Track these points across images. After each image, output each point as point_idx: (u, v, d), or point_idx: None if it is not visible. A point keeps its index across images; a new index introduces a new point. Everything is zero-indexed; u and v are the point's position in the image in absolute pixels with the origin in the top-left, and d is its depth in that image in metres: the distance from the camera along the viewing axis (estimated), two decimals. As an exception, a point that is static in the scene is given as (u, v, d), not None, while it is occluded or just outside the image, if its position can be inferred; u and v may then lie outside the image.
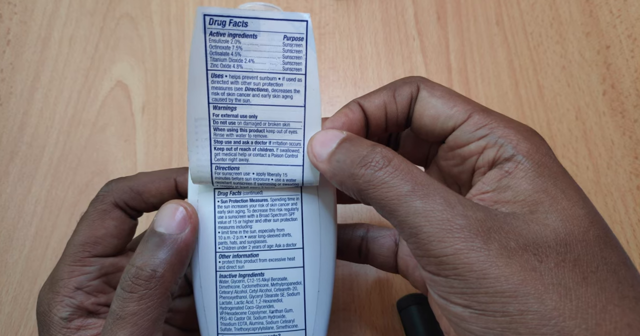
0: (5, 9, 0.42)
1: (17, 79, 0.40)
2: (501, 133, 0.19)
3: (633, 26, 0.39)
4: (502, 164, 0.19)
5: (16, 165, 0.37)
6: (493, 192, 0.19)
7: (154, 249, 0.20)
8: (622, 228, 0.34)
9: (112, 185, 0.25)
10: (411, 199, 0.17)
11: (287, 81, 0.21)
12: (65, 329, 0.22)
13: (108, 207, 0.24)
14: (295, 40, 0.20)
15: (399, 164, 0.18)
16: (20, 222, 0.36)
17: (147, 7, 0.42)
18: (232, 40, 0.19)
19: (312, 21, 0.41)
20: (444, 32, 0.41)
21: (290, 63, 0.20)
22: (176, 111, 0.39)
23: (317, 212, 0.23)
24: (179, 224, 0.21)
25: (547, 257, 0.16)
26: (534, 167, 0.18)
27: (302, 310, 0.23)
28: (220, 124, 0.21)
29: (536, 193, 0.18)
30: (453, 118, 0.21)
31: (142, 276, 0.20)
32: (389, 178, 0.18)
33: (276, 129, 0.21)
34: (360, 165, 0.18)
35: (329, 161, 0.20)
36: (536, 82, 0.38)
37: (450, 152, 0.22)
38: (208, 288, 0.22)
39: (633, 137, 0.36)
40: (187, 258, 0.21)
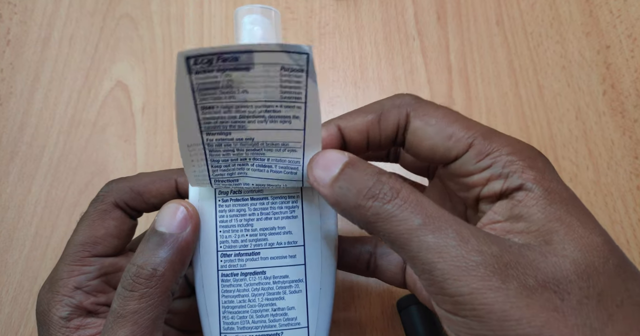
0: (5, 9, 0.42)
1: (17, 79, 0.40)
2: (505, 163, 0.19)
3: (633, 26, 0.39)
4: (511, 194, 0.18)
5: (16, 165, 0.37)
6: (505, 222, 0.18)
7: (154, 248, 0.20)
8: (622, 228, 0.34)
9: (112, 185, 0.25)
10: (423, 233, 0.16)
11: (285, 108, 0.19)
12: (64, 328, 0.22)
13: (108, 207, 0.24)
14: (294, 71, 0.17)
15: (408, 195, 0.17)
16: (20, 222, 0.36)
17: (147, 7, 0.42)
18: (221, 74, 0.17)
19: (312, 21, 0.41)
20: (444, 32, 0.41)
21: (288, 93, 0.18)
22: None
23: (318, 210, 0.23)
24: (179, 223, 0.21)
25: (569, 294, 0.15)
26: (544, 194, 0.17)
27: (305, 307, 0.23)
28: (215, 147, 0.20)
29: (550, 222, 0.17)
30: (453, 150, 0.20)
31: (142, 275, 0.20)
32: (398, 211, 0.17)
33: (274, 148, 0.20)
34: (367, 196, 0.17)
35: (331, 187, 0.18)
36: (536, 82, 0.38)
37: (454, 179, 0.21)
38: (210, 287, 0.22)
39: (633, 137, 0.36)
40: (187, 257, 0.21)
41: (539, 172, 0.18)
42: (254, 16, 0.23)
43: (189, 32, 0.41)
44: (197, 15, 0.42)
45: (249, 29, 0.23)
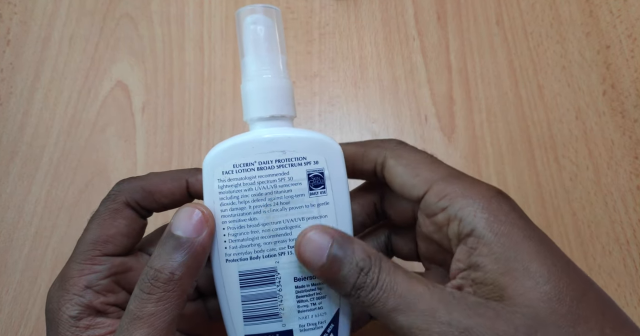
0: (5, 9, 0.42)
1: (17, 79, 0.40)
2: (460, 205, 0.20)
3: (633, 26, 0.39)
4: (465, 239, 0.20)
5: (16, 165, 0.37)
6: (468, 270, 0.20)
7: (171, 252, 0.20)
8: (622, 228, 0.34)
9: (123, 184, 0.25)
10: (395, 314, 0.19)
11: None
12: (74, 328, 0.22)
13: (119, 206, 0.24)
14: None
15: (384, 282, 0.20)
16: (20, 222, 0.36)
17: (147, 7, 0.42)
18: None
19: (312, 21, 0.41)
20: (444, 32, 0.41)
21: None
22: (176, 111, 0.39)
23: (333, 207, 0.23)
24: (195, 227, 0.21)
25: None
26: (495, 239, 0.19)
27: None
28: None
29: (501, 277, 0.19)
30: (416, 188, 0.22)
31: (160, 278, 0.20)
32: (376, 298, 0.20)
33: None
34: (356, 288, 0.20)
35: (322, 273, 0.21)
36: (536, 82, 0.38)
37: (427, 219, 0.22)
38: (231, 288, 0.23)
39: (633, 137, 0.36)
40: (203, 261, 0.21)
41: (490, 214, 0.20)
42: (257, 16, 0.24)
43: (189, 32, 0.41)
44: (197, 15, 0.42)
45: (252, 29, 0.23)
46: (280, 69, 0.24)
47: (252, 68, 0.24)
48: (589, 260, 0.34)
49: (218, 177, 0.22)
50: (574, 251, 0.34)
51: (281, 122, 0.23)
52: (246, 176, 0.22)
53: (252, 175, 0.22)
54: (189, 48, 0.41)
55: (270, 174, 0.22)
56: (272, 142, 0.23)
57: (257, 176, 0.22)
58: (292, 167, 0.23)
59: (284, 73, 0.24)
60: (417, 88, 0.39)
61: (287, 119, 0.24)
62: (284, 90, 0.24)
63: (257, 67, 0.23)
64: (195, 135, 0.38)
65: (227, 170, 0.22)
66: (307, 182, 0.23)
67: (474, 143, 0.37)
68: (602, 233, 0.34)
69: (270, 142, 0.23)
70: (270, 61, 0.23)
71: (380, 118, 0.38)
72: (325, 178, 0.23)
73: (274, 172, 0.22)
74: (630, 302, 0.32)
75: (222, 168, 0.22)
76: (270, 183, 0.22)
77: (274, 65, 0.24)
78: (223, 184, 0.22)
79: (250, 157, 0.22)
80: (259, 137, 0.23)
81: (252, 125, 0.24)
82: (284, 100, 0.24)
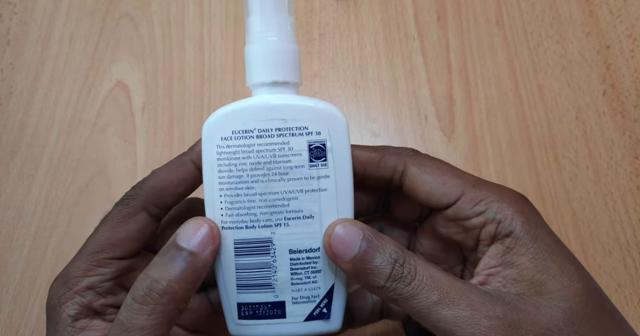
0: (5, 9, 0.42)
1: (17, 79, 0.40)
2: (497, 209, 0.21)
3: (633, 26, 0.39)
4: (502, 240, 0.21)
5: (16, 165, 0.37)
6: (499, 266, 0.21)
7: (171, 263, 0.20)
8: (622, 228, 0.34)
9: (136, 188, 0.24)
10: (440, 308, 0.19)
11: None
12: (70, 328, 0.21)
13: (133, 210, 0.23)
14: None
15: (423, 274, 0.20)
16: (20, 222, 0.36)
17: (147, 7, 0.42)
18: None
19: (312, 21, 0.41)
20: (444, 32, 0.41)
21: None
22: (176, 111, 0.39)
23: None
24: (201, 242, 0.20)
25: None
26: (531, 242, 0.21)
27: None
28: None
29: (539, 274, 0.20)
30: (447, 195, 0.22)
31: (156, 289, 0.19)
32: (417, 290, 0.19)
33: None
34: (392, 280, 0.20)
35: (353, 266, 0.20)
36: (536, 82, 0.38)
37: (451, 222, 0.23)
38: (226, 255, 0.22)
39: (633, 137, 0.36)
40: (202, 277, 0.21)
41: (526, 218, 0.21)
42: None
43: (189, 32, 0.41)
44: (197, 15, 0.42)
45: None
46: (288, 31, 0.22)
47: (256, 29, 0.22)
48: (589, 260, 0.34)
49: (217, 143, 0.22)
50: (574, 251, 0.34)
51: (285, 88, 0.22)
52: (245, 143, 0.22)
53: (251, 142, 0.22)
54: (189, 48, 0.41)
55: (269, 143, 0.22)
56: (273, 110, 0.22)
57: (256, 144, 0.22)
58: (292, 137, 0.22)
59: (291, 36, 0.22)
60: (417, 88, 0.39)
61: (292, 86, 0.23)
62: (290, 55, 0.22)
63: (262, 28, 0.22)
64: (196, 135, 0.38)
65: (226, 136, 0.22)
66: (308, 153, 0.22)
67: (474, 143, 0.37)
68: (602, 233, 0.34)
69: (271, 109, 0.22)
70: (276, 22, 0.22)
71: (380, 118, 0.38)
72: (327, 151, 0.22)
73: (274, 140, 0.22)
74: (630, 302, 0.32)
75: (221, 134, 0.22)
76: (269, 152, 0.22)
77: (281, 26, 0.22)
78: (221, 150, 0.22)
79: (250, 124, 0.22)
80: (260, 104, 0.22)
81: (254, 90, 0.23)
82: (289, 65, 0.22)
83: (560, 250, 0.21)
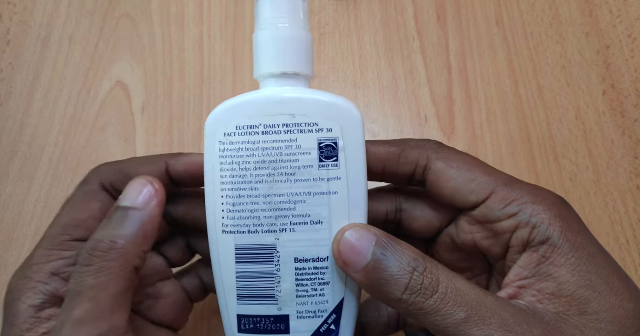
0: (5, 9, 0.42)
1: (17, 79, 0.40)
2: (532, 211, 0.19)
3: (633, 26, 0.39)
4: (536, 247, 0.18)
5: (16, 165, 0.37)
6: (533, 278, 0.18)
7: (115, 222, 0.19)
8: (622, 228, 0.34)
9: (100, 167, 0.23)
10: (468, 327, 0.16)
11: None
12: (33, 319, 0.19)
13: (94, 188, 0.22)
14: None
15: (447, 286, 0.17)
16: (20, 222, 0.36)
17: (147, 7, 0.42)
18: None
19: (312, 21, 0.41)
20: (444, 32, 0.41)
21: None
22: (176, 111, 0.39)
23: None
24: (143, 197, 0.20)
25: None
26: (572, 251, 0.18)
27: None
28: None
29: (582, 289, 0.17)
30: (475, 193, 0.20)
31: (99, 247, 0.18)
32: (441, 305, 0.17)
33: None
34: (410, 292, 0.17)
35: (366, 275, 0.18)
36: (536, 82, 0.38)
37: (479, 225, 0.21)
38: (227, 262, 0.21)
39: (633, 137, 0.36)
40: (152, 232, 0.20)
41: (565, 223, 0.18)
42: None
43: (189, 32, 0.41)
44: (197, 15, 0.42)
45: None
46: (301, 18, 0.20)
47: (266, 15, 0.20)
48: (589, 260, 0.34)
49: (219, 139, 0.20)
50: (574, 251, 0.34)
51: (295, 81, 0.21)
52: (249, 140, 0.20)
53: (256, 139, 0.20)
54: (189, 48, 0.41)
55: (276, 140, 0.20)
56: (281, 104, 0.20)
57: (261, 141, 0.20)
58: (301, 134, 0.20)
59: (304, 23, 0.21)
60: (417, 88, 0.39)
61: (303, 79, 0.21)
62: (302, 44, 0.21)
63: (273, 14, 0.20)
64: (195, 135, 0.38)
65: (230, 132, 0.20)
66: (318, 152, 0.20)
67: (474, 143, 0.37)
68: (602, 233, 0.34)
69: (278, 103, 0.20)
70: (288, 8, 0.20)
71: (380, 118, 0.38)
72: (339, 150, 0.20)
73: (281, 137, 0.20)
74: (630, 302, 0.32)
75: (225, 130, 0.20)
76: (275, 150, 0.20)
77: (293, 12, 0.20)
78: (224, 147, 0.20)
79: (256, 119, 0.20)
80: (267, 97, 0.20)
81: (262, 82, 0.21)
82: (300, 55, 0.20)
83: (607, 262, 0.18)
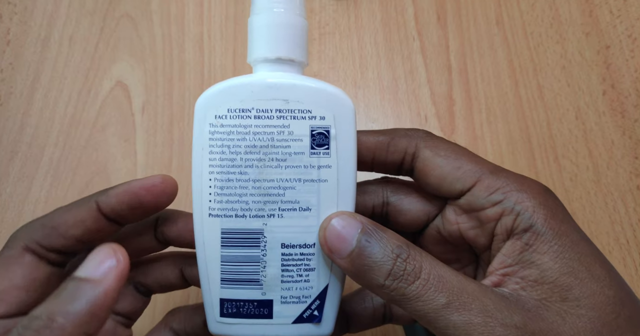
0: (5, 9, 0.42)
1: (17, 79, 0.40)
2: (516, 199, 0.19)
3: (633, 26, 0.39)
4: (520, 234, 0.19)
5: (16, 165, 0.37)
6: (516, 265, 0.18)
7: (63, 296, 0.15)
8: (622, 228, 0.34)
9: (22, 228, 0.21)
10: (449, 312, 0.17)
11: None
12: None
13: (14, 252, 0.20)
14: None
15: (429, 272, 0.18)
16: (20, 222, 0.36)
17: (147, 7, 0.42)
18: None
19: (312, 21, 0.41)
20: (444, 32, 0.41)
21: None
22: (176, 111, 0.39)
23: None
24: (102, 269, 0.16)
25: None
26: (554, 238, 0.18)
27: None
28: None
29: (564, 276, 0.17)
30: (461, 181, 0.20)
31: (33, 326, 0.14)
32: (423, 291, 0.17)
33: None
34: (392, 277, 0.18)
35: (351, 261, 0.18)
36: (536, 82, 0.38)
37: (465, 215, 0.21)
38: (211, 246, 0.21)
39: (633, 137, 0.36)
40: (103, 310, 0.15)
41: (549, 211, 0.18)
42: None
43: (189, 32, 0.41)
44: (197, 15, 0.42)
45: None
46: (296, 4, 0.20)
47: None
48: (589, 260, 0.34)
49: (210, 121, 0.20)
50: (574, 251, 0.34)
51: (289, 67, 0.21)
52: (241, 123, 0.20)
53: (247, 123, 0.20)
54: (189, 48, 0.41)
55: (268, 125, 0.20)
56: (275, 88, 0.20)
57: (253, 125, 0.20)
58: (293, 120, 0.20)
59: (299, 9, 0.21)
60: (417, 88, 0.39)
61: (297, 65, 0.21)
62: (298, 30, 0.20)
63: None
64: (195, 135, 0.38)
65: (221, 114, 0.20)
66: (309, 140, 0.20)
67: (474, 143, 0.37)
68: (602, 233, 0.34)
69: (272, 87, 0.20)
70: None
71: (380, 118, 0.38)
72: (331, 138, 0.20)
73: (273, 122, 0.20)
74: (630, 302, 0.32)
75: (216, 112, 0.20)
76: (267, 135, 0.20)
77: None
78: (214, 130, 0.20)
79: (248, 102, 0.20)
80: (260, 81, 0.20)
81: (255, 67, 0.21)
82: (295, 41, 0.20)
83: (590, 249, 0.18)
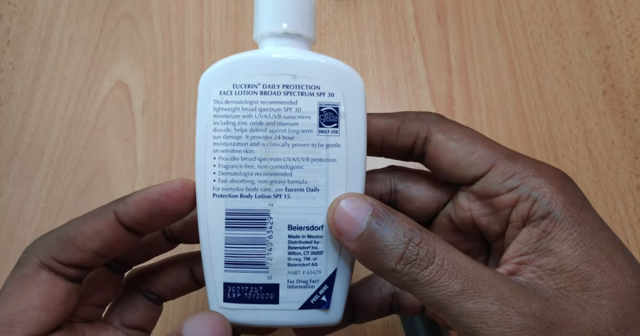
0: (5, 9, 0.42)
1: (17, 79, 0.40)
2: (533, 185, 0.18)
3: (633, 26, 0.39)
4: (537, 221, 0.18)
5: (16, 165, 0.37)
6: (533, 253, 0.18)
7: None
8: (622, 228, 0.34)
9: (35, 243, 0.20)
10: (463, 300, 0.16)
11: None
12: None
13: (29, 270, 0.19)
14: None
15: (443, 258, 0.17)
16: (20, 222, 0.36)
17: (147, 7, 0.42)
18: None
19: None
20: (444, 32, 0.41)
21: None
22: (176, 111, 0.39)
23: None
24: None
25: None
26: (574, 225, 0.17)
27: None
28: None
29: (584, 264, 0.17)
30: (475, 166, 0.19)
31: None
32: (436, 277, 0.16)
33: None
34: (404, 262, 0.17)
35: (360, 244, 0.17)
36: (536, 82, 0.38)
37: (478, 201, 0.20)
38: (215, 227, 0.20)
39: (633, 137, 0.36)
40: None
41: (568, 198, 0.18)
42: None
43: (189, 32, 0.41)
44: (197, 15, 0.42)
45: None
46: None
47: None
48: (589, 260, 0.34)
49: (214, 98, 0.19)
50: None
51: (296, 42, 0.20)
52: (247, 99, 0.19)
53: (253, 99, 0.19)
54: (189, 48, 0.41)
55: (275, 101, 0.19)
56: (282, 63, 0.19)
57: (259, 101, 0.19)
58: (301, 96, 0.19)
59: None
60: (417, 88, 0.39)
61: (304, 41, 0.20)
62: (305, 4, 0.20)
63: None
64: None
65: (226, 90, 0.19)
66: (318, 117, 0.19)
67: (474, 143, 0.37)
68: (602, 233, 0.34)
69: (279, 62, 0.19)
70: None
71: (380, 118, 0.38)
72: (340, 116, 0.19)
73: (280, 98, 0.19)
74: (630, 302, 0.32)
75: (220, 88, 0.19)
76: (273, 111, 0.19)
77: None
78: (219, 106, 0.19)
79: (254, 77, 0.19)
80: (267, 56, 0.19)
81: (261, 43, 0.20)
82: (303, 15, 0.20)
83: (610, 237, 0.17)
